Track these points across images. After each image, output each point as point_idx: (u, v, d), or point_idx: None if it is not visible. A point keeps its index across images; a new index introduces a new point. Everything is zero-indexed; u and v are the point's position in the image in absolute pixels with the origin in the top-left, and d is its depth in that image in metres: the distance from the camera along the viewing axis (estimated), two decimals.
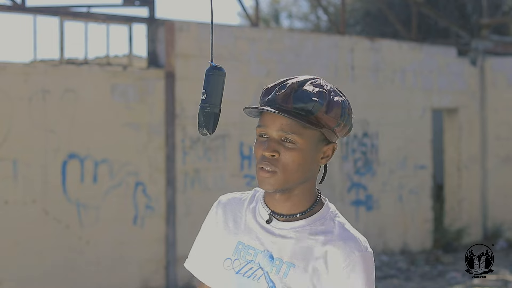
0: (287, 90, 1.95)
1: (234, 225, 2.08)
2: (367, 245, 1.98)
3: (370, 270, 1.96)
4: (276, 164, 1.94)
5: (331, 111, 1.94)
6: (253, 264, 2.00)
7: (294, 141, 1.94)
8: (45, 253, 7.43)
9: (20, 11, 7.72)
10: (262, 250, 2.00)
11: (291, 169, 1.94)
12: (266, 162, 1.94)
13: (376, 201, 10.37)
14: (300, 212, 2.00)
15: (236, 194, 2.14)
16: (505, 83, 11.96)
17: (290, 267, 1.97)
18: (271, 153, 1.94)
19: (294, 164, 1.94)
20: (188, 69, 8.46)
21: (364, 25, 16.31)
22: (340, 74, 10.00)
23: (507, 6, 15.56)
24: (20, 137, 7.33)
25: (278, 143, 1.95)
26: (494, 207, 11.89)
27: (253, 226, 2.04)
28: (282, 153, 1.94)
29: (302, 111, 1.93)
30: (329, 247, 1.96)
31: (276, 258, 1.98)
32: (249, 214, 2.06)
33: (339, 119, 1.96)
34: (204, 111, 2.04)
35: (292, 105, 1.93)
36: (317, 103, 1.93)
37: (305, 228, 1.99)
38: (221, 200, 2.16)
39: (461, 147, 11.67)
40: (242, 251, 2.03)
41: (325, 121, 1.94)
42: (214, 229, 2.12)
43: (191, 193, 8.45)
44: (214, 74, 2.05)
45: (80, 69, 7.79)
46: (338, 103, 1.96)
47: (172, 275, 8.25)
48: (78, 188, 7.67)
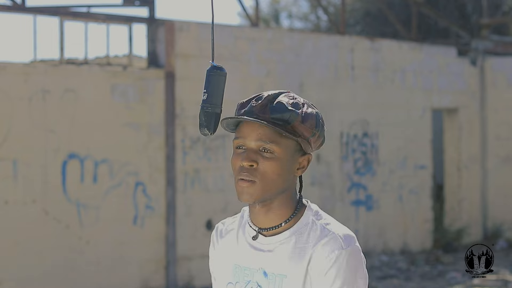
0: (264, 101, 1.99)
1: (228, 248, 2.12)
2: (349, 241, 1.98)
3: (353, 266, 1.96)
4: (254, 174, 1.97)
5: (306, 121, 1.99)
6: (252, 283, 2.05)
7: (272, 151, 1.97)
8: (45, 253, 7.43)
9: (20, 11, 7.72)
10: (257, 269, 2.04)
11: (269, 179, 1.97)
12: (245, 173, 1.98)
13: (376, 201, 10.37)
14: (284, 222, 2.03)
15: (229, 218, 2.19)
16: (505, 83, 11.96)
17: (282, 278, 2.00)
18: (249, 163, 1.97)
19: (273, 174, 1.97)
20: (188, 69, 8.46)
21: (364, 25, 16.31)
22: (340, 74, 10.00)
23: (507, 6, 15.56)
24: (20, 137, 7.33)
25: (256, 153, 1.99)
26: (494, 207, 11.89)
27: (244, 246, 2.08)
28: (261, 163, 1.98)
29: (279, 120, 1.98)
30: (312, 252, 1.98)
31: (270, 273, 2.02)
32: (240, 234, 2.11)
33: (314, 129, 2.01)
34: (205, 111, 2.05)
35: (269, 115, 1.98)
36: (293, 112, 1.98)
37: (290, 238, 2.02)
38: (217, 227, 2.20)
39: (461, 147, 11.67)
40: (239, 273, 2.07)
41: (301, 130, 1.99)
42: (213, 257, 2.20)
43: (191, 193, 8.45)
44: (215, 74, 2.06)
45: (80, 69, 7.79)
46: (312, 114, 2.01)
47: (172, 275, 8.25)
48: (78, 188, 7.67)
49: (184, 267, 8.36)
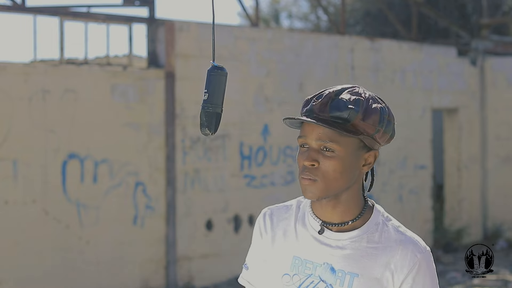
0: (324, 99, 1.97)
1: (284, 238, 2.08)
2: (425, 244, 2.01)
3: (433, 269, 2.00)
4: (316, 173, 1.96)
5: (369, 118, 1.96)
6: (314, 277, 2.02)
7: (332, 149, 1.96)
8: (45, 253, 7.43)
9: (20, 11, 7.72)
10: (322, 263, 2.01)
11: (331, 177, 1.96)
12: (307, 172, 1.97)
13: (376, 201, 10.33)
14: (352, 220, 2.02)
15: (279, 205, 2.15)
16: (505, 83, 11.96)
17: (354, 277, 1.98)
18: (310, 163, 1.97)
19: (335, 172, 1.96)
20: (188, 69, 8.45)
21: (364, 25, 16.31)
22: (340, 74, 10.00)
23: (507, 6, 15.56)
24: (20, 137, 7.32)
25: (318, 152, 1.97)
26: (494, 207, 11.89)
27: (306, 238, 2.05)
28: (322, 162, 1.96)
29: (339, 119, 1.95)
30: (390, 254, 1.99)
31: (338, 270, 2.00)
32: (299, 226, 2.07)
33: (377, 126, 1.98)
34: (206, 111, 2.04)
35: (328, 114, 1.96)
36: (352, 110, 1.95)
37: (362, 237, 2.01)
38: (265, 212, 2.14)
39: (461, 147, 11.67)
40: (299, 266, 2.04)
41: (362, 128, 1.96)
42: (262, 244, 2.12)
43: (191, 193, 8.45)
44: (216, 74, 2.05)
45: (80, 69, 7.78)
46: (376, 110, 1.98)
47: (172, 275, 8.25)
48: (78, 188, 7.66)
49: (184, 267, 8.36)
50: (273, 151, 9.22)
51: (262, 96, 9.13)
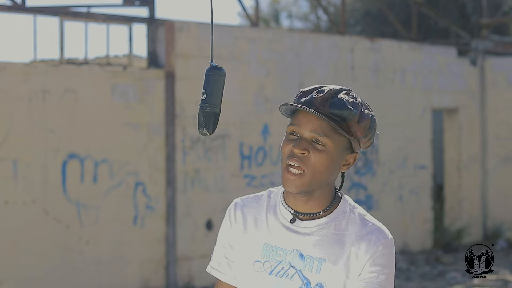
0: (325, 94, 2.04)
1: (255, 226, 2.14)
2: (388, 232, 2.10)
3: (392, 256, 2.08)
4: (305, 162, 2.03)
5: (362, 122, 2.06)
6: (284, 264, 2.08)
7: (324, 144, 2.03)
8: (45, 253, 7.43)
9: (20, 11, 7.72)
10: (291, 250, 2.08)
11: (318, 171, 2.03)
12: (295, 159, 2.04)
13: (376, 201, 10.37)
14: (322, 210, 2.09)
15: (250, 196, 2.21)
16: (505, 83, 11.96)
17: (322, 262, 2.06)
18: (301, 151, 2.03)
19: (322, 166, 2.03)
20: (188, 69, 8.46)
21: (364, 25, 16.31)
22: (340, 74, 10.00)
23: (507, 6, 15.56)
24: (20, 137, 7.33)
25: (309, 143, 2.04)
26: (494, 207, 11.89)
27: (277, 227, 2.11)
28: (312, 153, 2.03)
29: (337, 117, 2.03)
30: (356, 240, 2.06)
31: (307, 256, 2.07)
32: (270, 215, 2.13)
33: (367, 131, 2.08)
34: (204, 111, 2.06)
35: (328, 110, 2.03)
36: (351, 111, 2.03)
37: (329, 224, 2.08)
38: (237, 202, 2.20)
39: (461, 147, 11.67)
40: (270, 253, 2.10)
41: (355, 130, 2.05)
42: (231, 232, 2.17)
43: (191, 193, 8.45)
44: (214, 74, 2.06)
45: (80, 69, 7.78)
46: (368, 116, 2.08)
47: (172, 275, 8.25)
48: (78, 188, 7.67)
49: (184, 267, 8.36)
50: (273, 151, 9.22)
51: (262, 96, 9.13)
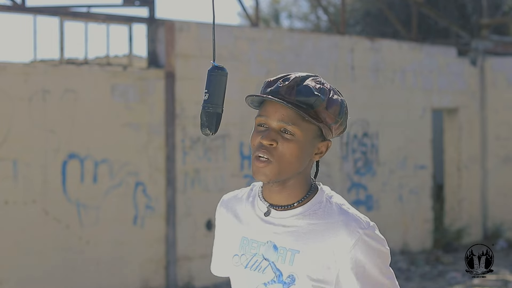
0: (291, 82, 2.00)
1: (236, 221, 2.13)
2: (368, 220, 2.01)
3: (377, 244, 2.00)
4: (273, 153, 1.98)
5: (331, 108, 2.00)
6: (258, 256, 2.05)
7: (292, 133, 1.99)
8: (45, 253, 7.43)
9: (20, 11, 7.72)
10: (265, 242, 2.04)
11: (286, 160, 1.99)
12: (263, 150, 1.99)
13: (376, 201, 10.37)
14: (297, 201, 2.04)
15: (236, 191, 2.20)
16: (505, 83, 11.96)
17: (295, 253, 2.01)
18: (269, 142, 1.99)
19: (291, 155, 1.99)
20: (188, 69, 8.45)
21: (364, 25, 16.31)
22: (340, 74, 10.00)
23: (507, 6, 15.56)
24: (20, 137, 7.33)
25: (277, 133, 2.00)
26: (494, 207, 11.89)
27: (252, 219, 2.09)
28: (280, 143, 1.99)
29: (304, 104, 1.98)
30: (332, 230, 1.99)
31: (280, 247, 2.02)
32: (248, 209, 2.11)
33: (337, 117, 2.01)
34: (206, 111, 2.05)
35: (294, 97, 1.98)
36: (318, 98, 1.98)
37: (304, 214, 2.03)
38: (223, 199, 2.21)
39: (461, 147, 11.67)
40: (246, 246, 2.08)
41: (324, 116, 2.00)
42: (220, 228, 2.18)
43: (191, 193, 8.45)
44: (216, 74, 2.06)
45: (80, 69, 7.78)
46: (337, 101, 2.02)
47: (172, 275, 8.25)
48: (78, 188, 7.67)
49: (184, 267, 8.36)
50: None
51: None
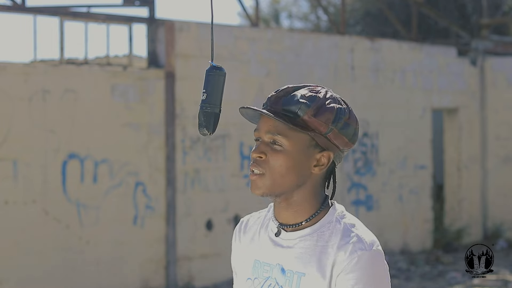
0: (280, 93, 1.97)
1: (251, 243, 2.08)
2: (373, 244, 1.93)
3: (375, 268, 1.92)
4: (263, 165, 1.95)
5: (321, 115, 1.92)
6: (271, 280, 2.00)
7: (281, 143, 1.94)
8: (45, 253, 7.43)
9: (20, 11, 7.72)
10: (275, 264, 1.99)
11: (277, 172, 1.94)
12: (254, 164, 1.96)
13: (376, 201, 10.37)
14: (305, 220, 1.98)
15: (255, 213, 2.15)
16: (505, 83, 11.96)
17: (301, 276, 1.94)
18: (258, 155, 1.95)
19: (281, 167, 1.94)
20: (188, 69, 8.46)
21: (364, 25, 16.31)
22: (340, 74, 10.00)
23: (507, 6, 15.56)
24: (20, 137, 7.33)
25: (267, 145, 1.96)
26: (494, 207, 11.89)
27: (265, 241, 2.04)
28: (270, 155, 1.95)
29: (290, 113, 1.93)
30: (335, 251, 1.93)
31: (287, 270, 1.97)
32: (262, 230, 2.07)
33: (330, 124, 1.93)
34: (204, 111, 2.04)
35: (281, 107, 1.95)
36: (303, 105, 1.92)
37: (312, 235, 1.97)
38: (242, 221, 2.16)
39: (461, 147, 11.67)
40: (259, 268, 2.02)
41: (314, 124, 1.93)
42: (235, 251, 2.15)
43: (191, 193, 8.45)
44: (214, 74, 2.05)
45: (80, 69, 7.78)
46: (331, 108, 1.94)
47: (172, 275, 8.25)
48: (78, 188, 7.67)
49: (184, 267, 8.36)
50: None
51: (262, 96, 9.12)
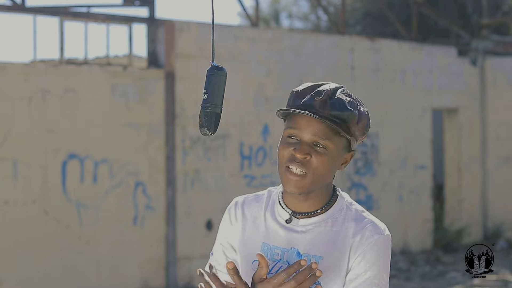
0: (324, 97, 2.02)
1: (254, 226, 2.13)
2: (385, 229, 2.08)
3: (387, 253, 2.06)
4: (307, 166, 2.02)
5: (361, 122, 2.05)
6: (282, 263, 2.07)
7: (325, 147, 2.02)
8: (45, 253, 7.43)
9: (20, 11, 7.72)
10: (289, 248, 2.07)
11: (320, 173, 2.02)
12: (297, 163, 2.02)
13: (376, 201, 10.36)
14: (320, 208, 2.09)
15: (250, 195, 2.20)
16: (505, 83, 11.95)
17: (319, 259, 2.04)
18: (304, 156, 2.01)
19: (324, 168, 2.03)
20: (188, 69, 8.45)
21: (364, 25, 16.31)
22: (340, 74, 10.00)
23: (507, 6, 15.55)
24: (20, 137, 7.32)
25: (310, 146, 2.03)
26: (494, 207, 11.89)
27: (274, 226, 2.10)
28: (314, 156, 2.02)
29: (337, 119, 2.01)
30: (350, 235, 2.05)
31: (304, 254, 2.06)
32: (268, 214, 2.12)
33: (365, 129, 2.08)
34: (205, 111, 2.05)
35: (328, 112, 2.01)
36: (352, 112, 2.02)
37: (326, 221, 2.08)
38: (237, 201, 2.19)
39: (461, 147, 11.67)
40: (268, 252, 2.09)
41: (354, 130, 2.05)
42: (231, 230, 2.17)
43: (191, 193, 8.45)
44: (215, 74, 2.06)
45: (80, 69, 7.78)
46: (365, 115, 2.07)
47: (172, 275, 8.25)
48: (78, 188, 7.67)
49: (184, 267, 8.36)
50: (273, 151, 9.22)
51: (262, 96, 9.12)
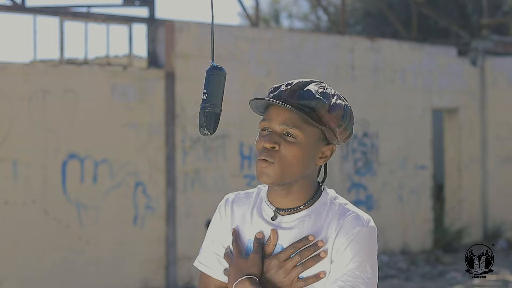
0: (294, 87, 2.06)
1: (242, 223, 2.14)
2: (369, 220, 2.06)
3: (371, 243, 2.06)
4: (275, 156, 2.02)
5: (334, 112, 2.04)
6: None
7: (295, 135, 2.02)
8: (45, 253, 7.43)
9: (20, 11, 7.72)
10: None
11: (288, 162, 2.01)
12: (265, 154, 2.02)
13: (376, 201, 10.36)
14: (302, 205, 2.08)
15: (241, 192, 2.21)
16: (505, 83, 11.95)
17: None
18: (271, 145, 2.02)
19: (293, 158, 2.02)
20: (188, 69, 8.46)
21: (364, 25, 16.31)
22: (340, 74, 10.00)
23: (507, 6, 15.55)
24: (20, 137, 7.33)
25: (280, 136, 2.03)
26: (494, 207, 11.88)
27: (259, 223, 2.11)
28: (283, 146, 2.02)
29: (306, 107, 2.02)
30: (333, 228, 2.04)
31: None
32: (255, 212, 2.13)
33: (340, 120, 2.05)
34: (205, 111, 2.06)
35: (296, 101, 2.03)
36: (320, 101, 2.03)
37: (310, 216, 2.06)
38: (228, 198, 2.21)
39: (461, 147, 11.67)
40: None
41: (326, 120, 2.03)
42: (221, 227, 2.18)
43: (191, 193, 8.45)
44: (214, 74, 2.06)
45: (80, 69, 7.78)
46: (340, 105, 2.06)
47: (172, 275, 8.25)
48: (78, 188, 7.67)
49: (184, 267, 8.36)
50: None
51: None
